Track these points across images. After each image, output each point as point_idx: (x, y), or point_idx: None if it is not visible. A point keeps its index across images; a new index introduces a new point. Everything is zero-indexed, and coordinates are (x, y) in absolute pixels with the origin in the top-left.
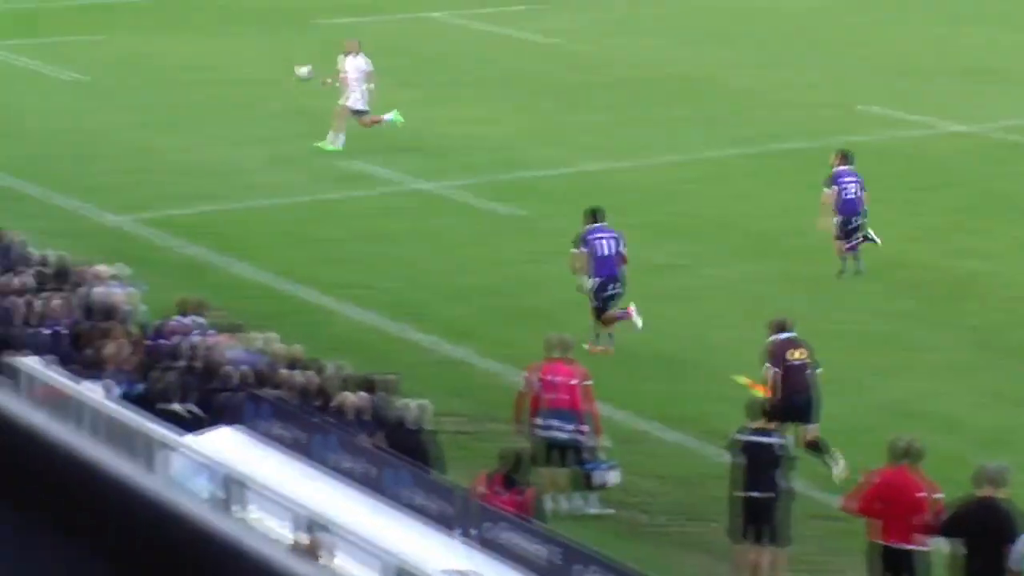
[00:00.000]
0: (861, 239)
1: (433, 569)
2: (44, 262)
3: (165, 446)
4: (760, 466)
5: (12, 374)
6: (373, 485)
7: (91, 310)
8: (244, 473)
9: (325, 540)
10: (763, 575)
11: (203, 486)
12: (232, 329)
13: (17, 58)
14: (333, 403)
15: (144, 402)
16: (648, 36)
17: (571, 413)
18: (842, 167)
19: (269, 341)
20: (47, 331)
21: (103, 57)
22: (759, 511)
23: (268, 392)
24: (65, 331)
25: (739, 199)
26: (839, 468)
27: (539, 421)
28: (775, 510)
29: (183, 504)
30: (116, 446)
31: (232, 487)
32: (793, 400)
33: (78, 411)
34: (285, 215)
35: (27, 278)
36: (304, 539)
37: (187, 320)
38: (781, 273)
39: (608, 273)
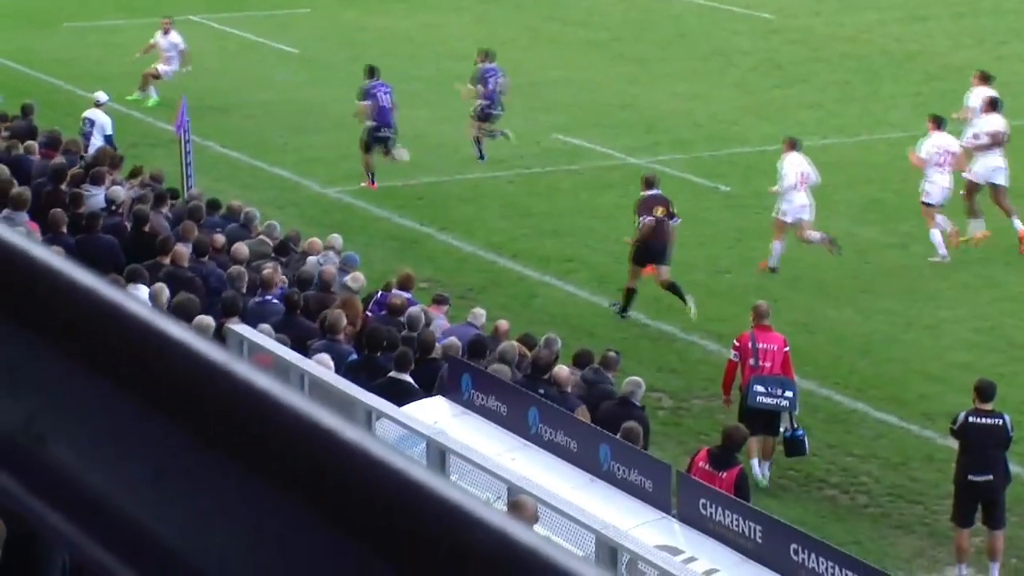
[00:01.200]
0: None
1: (646, 546)
2: (270, 232)
3: (383, 415)
4: (987, 448)
5: (235, 341)
6: (586, 460)
7: (308, 281)
8: (459, 443)
9: (538, 512)
10: (996, 557)
11: (420, 455)
12: (438, 301)
13: (229, 31)
14: (547, 376)
15: (361, 371)
16: (866, 10)
17: (782, 380)
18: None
19: (477, 315)
20: (268, 300)
21: (312, 30)
22: (986, 494)
23: (479, 363)
24: (284, 301)
25: (960, 178)
26: (693, 309)
27: (755, 388)
28: (1002, 493)
29: (426, 476)
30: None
31: (447, 456)
32: (652, 246)
33: (298, 380)
34: (497, 188)
35: (254, 247)
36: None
37: (400, 293)
38: (995, 254)
39: (384, 120)
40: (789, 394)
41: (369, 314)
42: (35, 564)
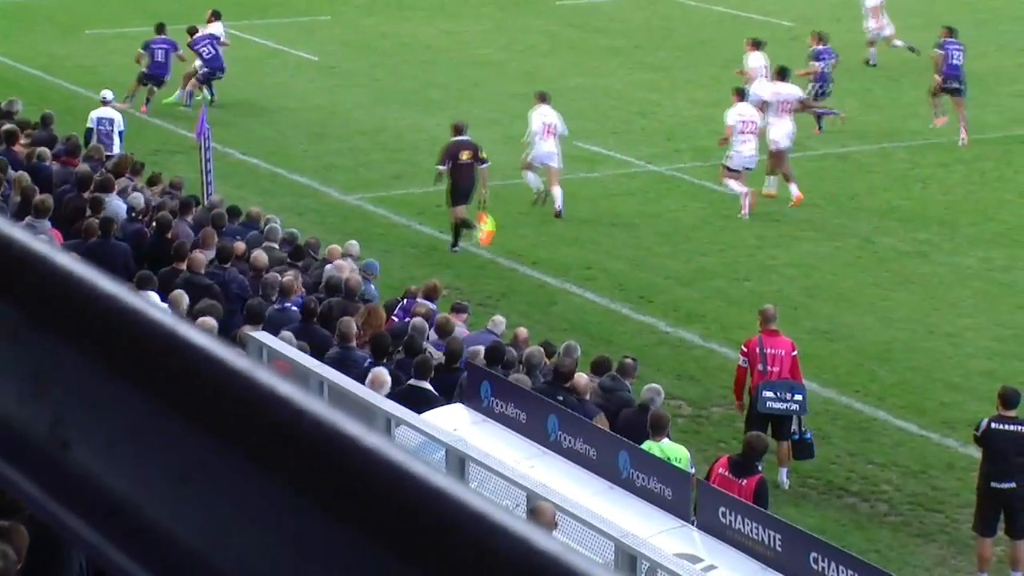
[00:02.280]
0: None
1: (665, 554)
2: (290, 239)
3: (403, 422)
4: (1011, 456)
5: (253, 349)
6: (605, 468)
7: (328, 287)
8: (477, 449)
9: (556, 518)
10: (1019, 566)
11: (439, 462)
12: (457, 309)
13: (251, 39)
14: (567, 383)
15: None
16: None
17: (791, 384)
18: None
19: (497, 323)
20: (288, 307)
21: (332, 37)
22: (1009, 502)
23: (499, 371)
24: (302, 309)
25: (976, 185)
26: (475, 237)
27: (765, 393)
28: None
29: (443, 481)
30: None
31: (466, 464)
32: (460, 187)
33: (318, 387)
34: (515, 195)
35: (273, 254)
36: (542, 516)
37: (421, 301)
38: (1018, 261)
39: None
40: (799, 398)
41: (395, 319)
42: (55, 566)
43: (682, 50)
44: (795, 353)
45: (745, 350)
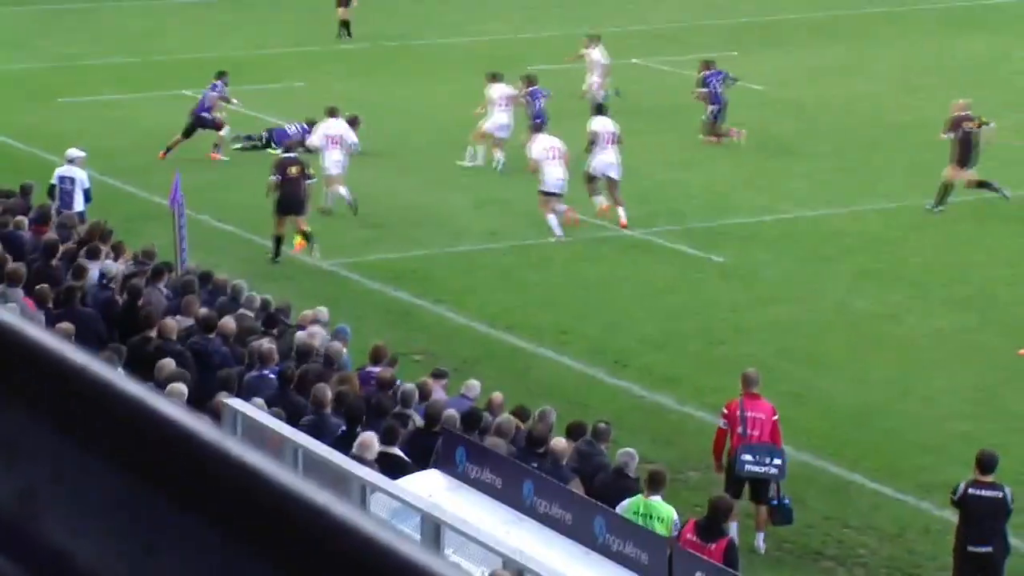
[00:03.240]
0: None
1: None
2: (264, 306)
3: (378, 489)
4: (988, 521)
5: (228, 417)
6: (581, 533)
7: (299, 354)
8: (453, 515)
9: None
10: None
11: (414, 529)
12: (437, 375)
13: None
14: (541, 449)
15: (347, 445)
16: (857, 80)
17: (770, 448)
18: None
19: (471, 387)
20: (260, 374)
21: (308, 102)
22: (986, 566)
23: (474, 437)
24: (279, 376)
25: (952, 248)
26: (317, 254)
27: (744, 456)
28: (1001, 565)
29: (410, 550)
30: (331, 489)
31: (441, 530)
32: (290, 199)
33: (292, 454)
34: (491, 260)
35: (246, 322)
36: None
37: (389, 368)
38: (991, 323)
39: None
40: (778, 462)
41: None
42: None
43: (655, 114)
44: (776, 418)
45: (726, 412)
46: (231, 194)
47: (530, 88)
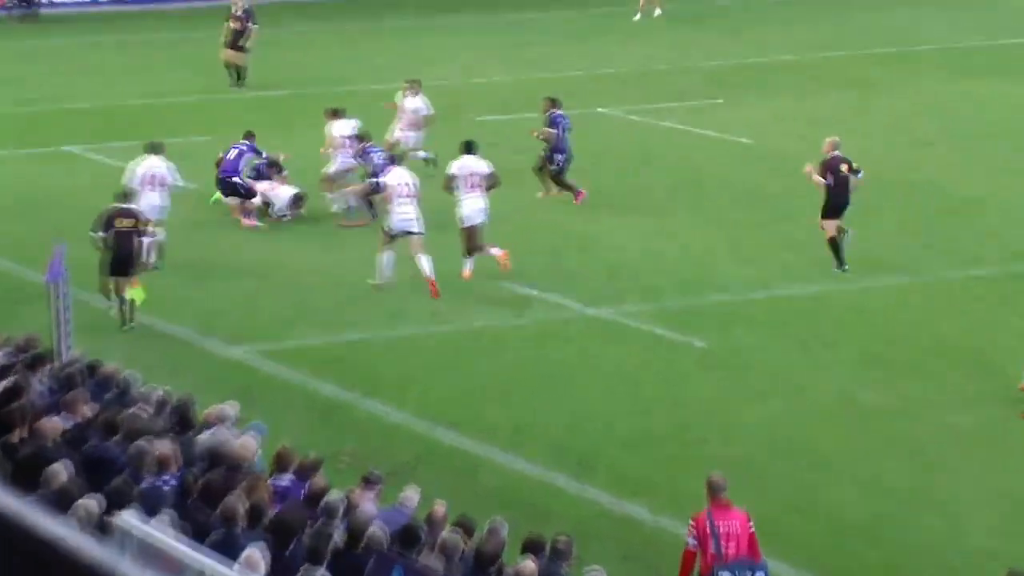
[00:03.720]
0: None
1: None
2: (163, 402)
3: None
4: None
5: (121, 534)
6: None
7: (206, 458)
8: None
9: None
10: None
11: None
12: (372, 481)
13: (113, 163)
14: (491, 568)
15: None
16: (860, 134)
17: (750, 563)
18: None
19: (408, 498)
20: (156, 483)
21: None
22: None
23: (412, 557)
24: (181, 483)
25: (973, 330)
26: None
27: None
28: None
29: None
30: None
31: None
32: (118, 257)
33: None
34: (432, 345)
35: (137, 421)
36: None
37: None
38: (1019, 419)
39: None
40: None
41: (278, 496)
42: None
43: (623, 171)
44: (751, 526)
45: (694, 527)
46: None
47: (365, 145)
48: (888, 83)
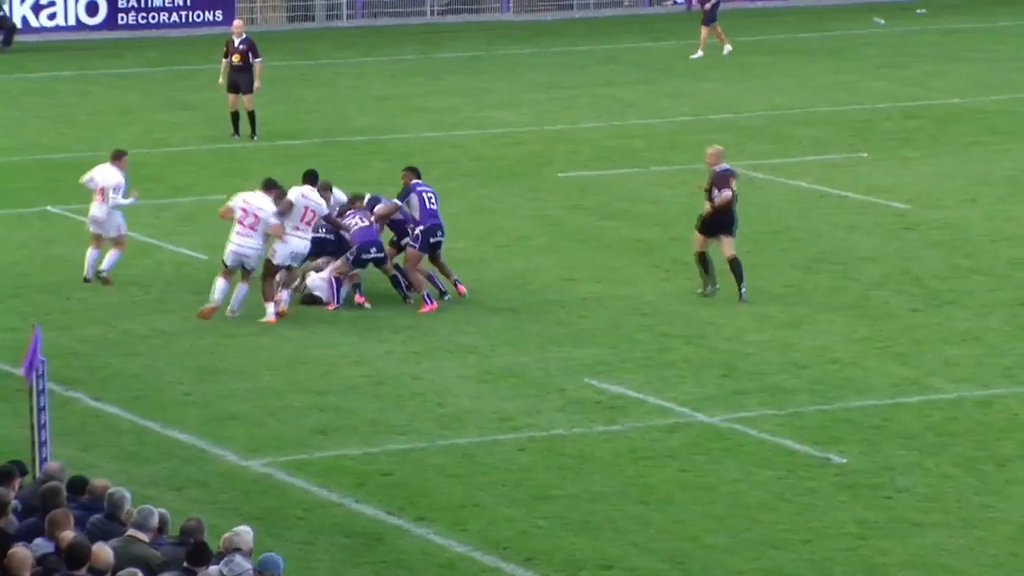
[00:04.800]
0: None
1: None
2: (162, 526)
3: None
4: None
5: None
6: None
7: None
8: None
9: None
10: None
11: None
12: None
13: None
14: None
15: None
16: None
17: None
18: None
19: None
20: None
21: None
22: None
23: None
24: None
25: None
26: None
27: None
28: None
29: None
30: None
31: None
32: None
33: None
34: (500, 458)
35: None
36: None
37: None
38: None
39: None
40: None
41: None
42: None
43: (746, 241)
44: None
45: None
46: (116, 359)
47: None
48: None
